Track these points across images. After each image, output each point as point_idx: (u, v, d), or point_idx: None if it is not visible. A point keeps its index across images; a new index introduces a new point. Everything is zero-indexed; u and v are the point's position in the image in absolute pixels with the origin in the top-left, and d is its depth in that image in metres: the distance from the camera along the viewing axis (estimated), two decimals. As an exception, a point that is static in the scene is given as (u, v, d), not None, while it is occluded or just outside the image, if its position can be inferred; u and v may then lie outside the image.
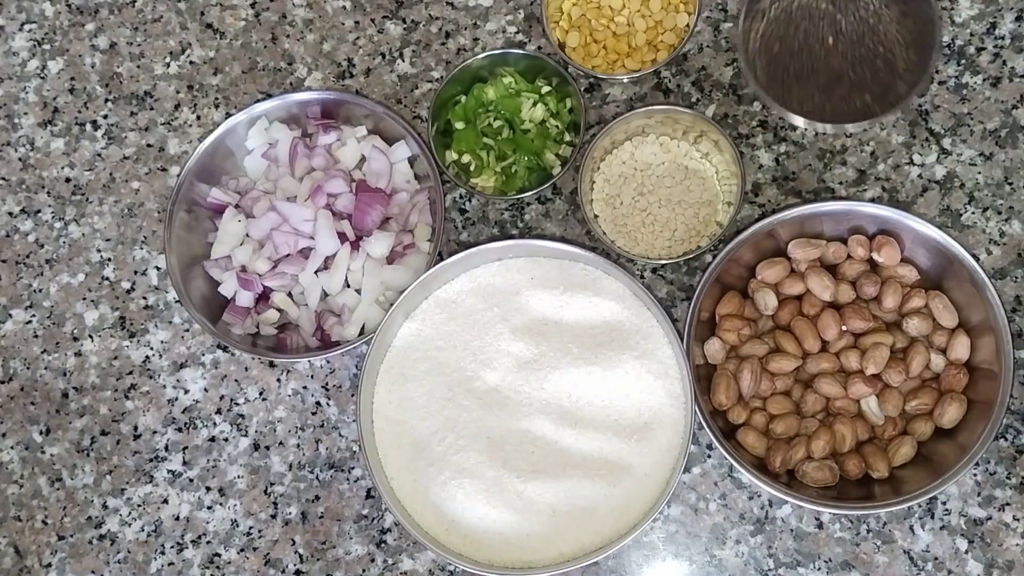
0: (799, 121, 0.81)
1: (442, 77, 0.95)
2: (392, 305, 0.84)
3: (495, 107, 0.91)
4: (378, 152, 0.90)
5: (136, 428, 0.92)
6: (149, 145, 0.98)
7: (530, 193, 0.88)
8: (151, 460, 0.91)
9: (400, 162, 0.91)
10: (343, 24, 0.98)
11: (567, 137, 0.90)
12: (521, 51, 0.91)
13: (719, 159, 0.88)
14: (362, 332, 0.87)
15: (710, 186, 0.89)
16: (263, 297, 0.90)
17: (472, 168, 0.91)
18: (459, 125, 0.91)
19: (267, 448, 0.90)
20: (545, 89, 0.91)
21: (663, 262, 0.86)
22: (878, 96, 0.81)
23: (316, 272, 0.88)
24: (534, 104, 0.90)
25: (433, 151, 0.89)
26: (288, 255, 0.88)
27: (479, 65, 0.91)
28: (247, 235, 0.90)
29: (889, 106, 0.80)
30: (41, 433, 0.92)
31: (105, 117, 0.99)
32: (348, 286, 0.89)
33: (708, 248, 0.86)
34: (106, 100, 0.99)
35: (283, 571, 0.88)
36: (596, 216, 0.89)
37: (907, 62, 0.81)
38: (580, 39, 0.91)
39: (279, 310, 0.89)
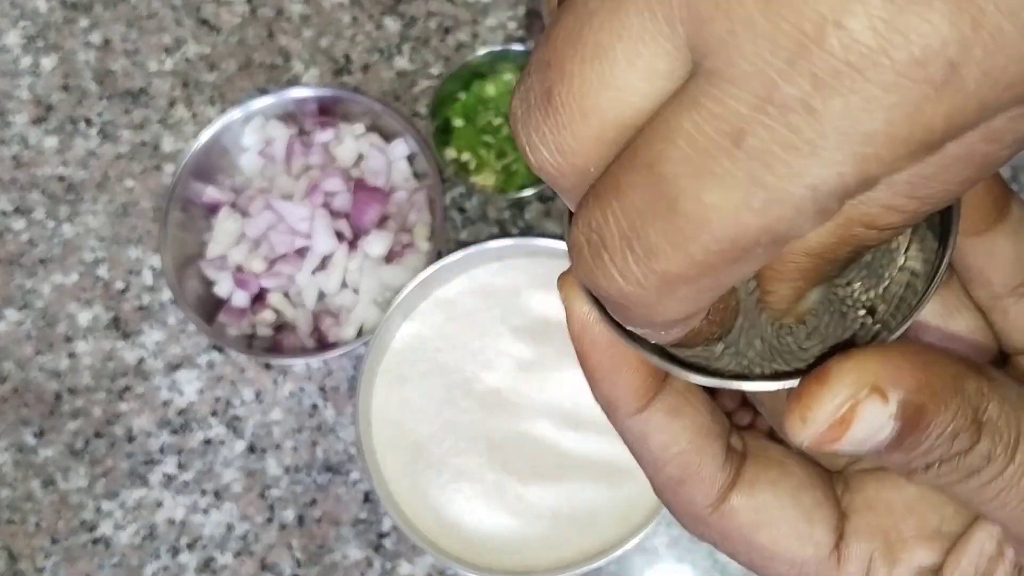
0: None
1: (441, 74, 0.94)
2: (390, 305, 0.83)
3: (495, 104, 0.90)
4: (376, 150, 0.89)
5: (130, 430, 0.91)
6: (143, 143, 0.97)
7: (530, 191, 0.87)
8: (145, 463, 0.90)
9: (398, 160, 0.90)
10: (340, 20, 0.97)
11: None
12: (522, 47, 0.91)
13: None
14: (360, 333, 0.86)
15: None
16: (259, 297, 0.89)
17: (472, 166, 0.90)
18: (458, 122, 0.90)
19: (263, 451, 0.90)
20: None
21: None
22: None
23: (313, 272, 0.87)
24: None
25: (432, 149, 0.88)
26: (285, 255, 0.87)
27: (479, 62, 0.91)
28: (243, 234, 0.89)
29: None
30: (34, 435, 0.92)
31: (99, 115, 0.98)
32: (346, 286, 0.88)
33: None
34: (100, 97, 0.98)
35: (280, 575, 0.87)
36: None
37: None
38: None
39: (275, 310, 0.88)
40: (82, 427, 0.92)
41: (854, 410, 0.25)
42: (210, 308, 0.88)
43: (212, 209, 0.90)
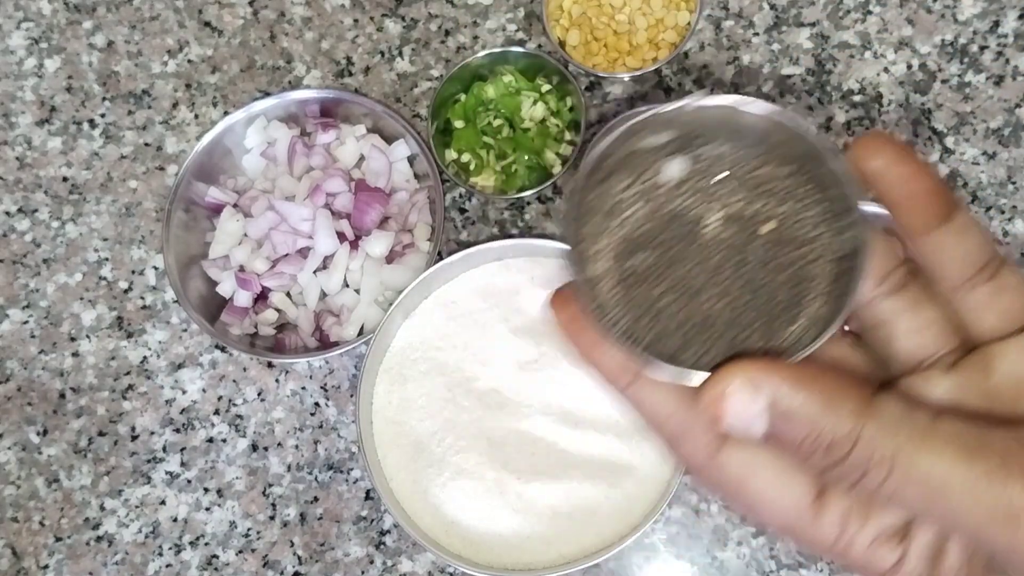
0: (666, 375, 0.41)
1: (442, 75, 0.95)
2: (391, 305, 0.84)
3: (495, 106, 0.90)
4: (377, 151, 0.90)
5: (134, 429, 0.92)
6: (147, 144, 0.97)
7: (530, 192, 0.88)
8: (149, 461, 0.91)
9: (399, 161, 0.91)
10: (342, 22, 0.97)
11: (568, 136, 0.90)
12: (521, 49, 0.91)
13: None
14: (361, 332, 0.87)
15: None
16: (261, 297, 0.89)
17: (472, 167, 0.90)
18: (459, 124, 0.91)
19: (265, 449, 0.90)
20: (545, 88, 0.90)
21: None
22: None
23: (315, 272, 0.88)
24: (534, 103, 0.89)
25: (432, 150, 0.89)
26: (287, 255, 0.88)
27: (479, 63, 0.91)
28: (245, 234, 0.89)
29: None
30: (38, 434, 0.92)
31: (103, 116, 0.98)
32: (347, 286, 0.88)
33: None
34: (103, 99, 0.99)
35: (281, 572, 0.88)
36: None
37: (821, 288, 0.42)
38: (581, 37, 0.91)
39: (277, 310, 0.89)
40: (86, 426, 0.92)
41: (724, 394, 0.32)
42: (213, 308, 0.89)
43: (215, 210, 0.91)
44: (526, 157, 0.89)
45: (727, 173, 0.40)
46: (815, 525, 0.35)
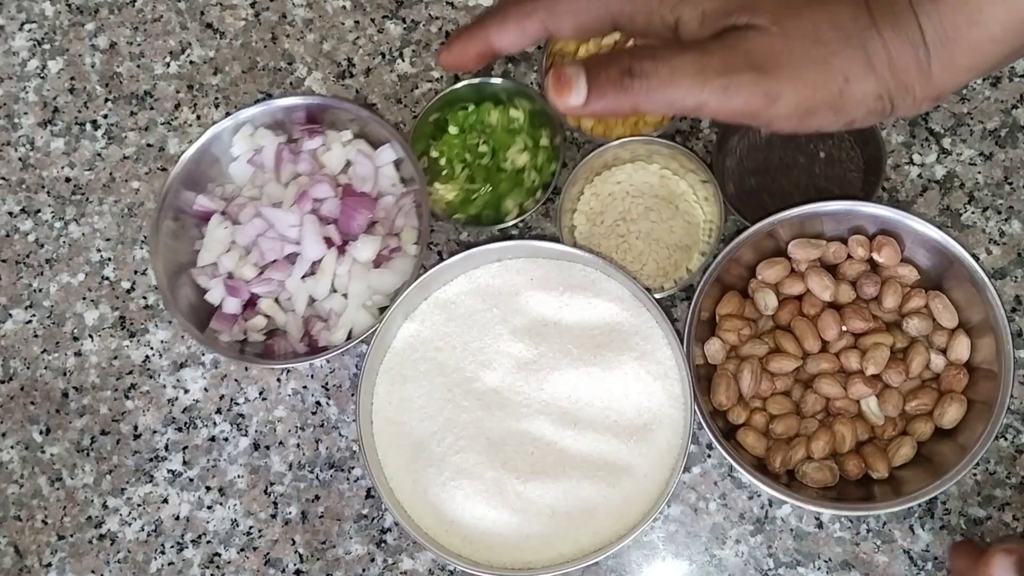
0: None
1: (442, 76, 0.95)
2: (387, 309, 0.84)
3: (491, 133, 0.90)
4: (363, 156, 0.90)
5: (136, 428, 0.92)
6: (149, 145, 0.98)
7: (476, 228, 0.90)
8: (151, 460, 0.92)
9: (385, 165, 0.90)
10: (343, 24, 0.98)
11: (537, 194, 0.90)
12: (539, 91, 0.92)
13: (711, 211, 0.87)
14: (349, 336, 0.87)
15: (692, 232, 0.88)
16: (250, 303, 0.89)
17: (443, 172, 0.90)
18: (453, 130, 0.91)
19: (267, 448, 0.91)
20: (544, 143, 0.90)
21: None
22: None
23: (303, 277, 0.88)
24: (523, 150, 0.89)
25: (410, 144, 0.89)
26: (274, 261, 0.88)
27: (504, 87, 0.91)
28: (233, 242, 0.89)
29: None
30: (41, 433, 0.93)
31: (105, 117, 0.99)
32: (335, 291, 0.88)
33: (669, 294, 0.86)
34: (106, 100, 0.99)
35: (283, 571, 0.88)
36: (574, 227, 0.89)
37: (859, 186, 0.88)
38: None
39: (266, 316, 0.89)
40: (88, 425, 0.93)
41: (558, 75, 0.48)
42: (203, 315, 0.89)
43: (203, 218, 0.91)
44: (489, 195, 0.89)
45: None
46: None
